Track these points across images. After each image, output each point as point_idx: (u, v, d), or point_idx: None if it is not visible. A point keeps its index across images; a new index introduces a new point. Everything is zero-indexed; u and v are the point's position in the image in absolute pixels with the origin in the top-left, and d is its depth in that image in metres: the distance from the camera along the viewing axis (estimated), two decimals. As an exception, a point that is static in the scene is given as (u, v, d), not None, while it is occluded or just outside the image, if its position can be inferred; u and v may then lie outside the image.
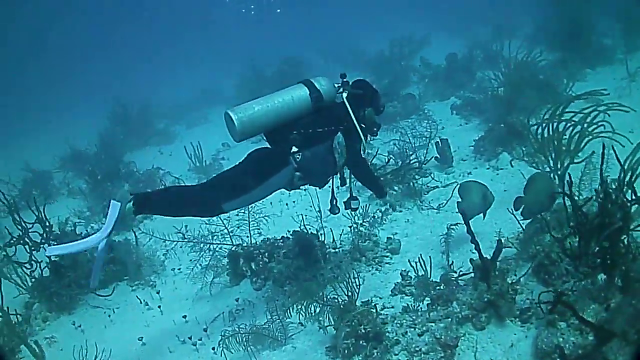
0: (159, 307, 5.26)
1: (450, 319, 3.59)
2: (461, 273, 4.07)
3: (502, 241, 3.85)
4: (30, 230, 5.71)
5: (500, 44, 10.14)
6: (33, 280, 5.62)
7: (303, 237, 5.14)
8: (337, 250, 5.45)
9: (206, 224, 5.39)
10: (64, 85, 23.08)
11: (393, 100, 9.79)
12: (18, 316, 5.36)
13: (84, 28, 32.52)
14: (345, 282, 3.99)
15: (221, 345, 4.06)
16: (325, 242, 5.54)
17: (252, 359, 4.10)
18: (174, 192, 4.41)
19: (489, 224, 5.07)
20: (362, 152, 4.37)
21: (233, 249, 5.25)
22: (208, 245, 5.31)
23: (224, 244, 5.35)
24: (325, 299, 4.08)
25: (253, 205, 5.26)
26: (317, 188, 4.45)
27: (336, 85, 4.29)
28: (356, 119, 4.12)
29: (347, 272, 4.95)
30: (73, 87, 22.40)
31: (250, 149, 4.26)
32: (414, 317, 3.77)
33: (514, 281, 3.98)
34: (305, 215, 6.31)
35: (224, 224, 5.31)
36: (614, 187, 3.41)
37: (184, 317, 4.94)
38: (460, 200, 4.67)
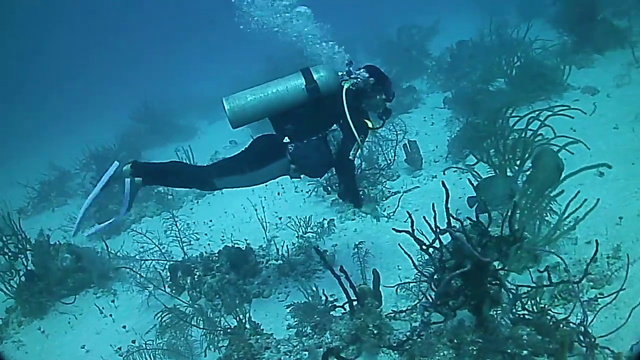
0: (111, 315, 5.62)
1: (320, 349, 3.64)
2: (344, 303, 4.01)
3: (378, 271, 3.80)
4: (8, 243, 6.25)
5: (520, 26, 9.48)
6: (14, 287, 6.12)
7: (234, 252, 5.28)
8: (277, 262, 5.54)
9: (137, 242, 5.69)
10: (92, 84, 23.40)
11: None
12: (-1, 320, 5.95)
13: (109, 22, 32.85)
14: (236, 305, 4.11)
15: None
16: (269, 254, 5.68)
17: (158, 374, 4.35)
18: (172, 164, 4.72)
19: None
20: (352, 154, 4.15)
21: (169, 263, 5.50)
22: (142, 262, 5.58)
23: (154, 259, 5.61)
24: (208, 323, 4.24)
25: (179, 220, 5.56)
26: (318, 178, 4.87)
27: (340, 74, 4.22)
28: (351, 116, 3.98)
29: (274, 288, 5.14)
30: (101, 85, 22.75)
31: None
32: (295, 343, 3.84)
33: (408, 308, 3.95)
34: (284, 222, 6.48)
35: (153, 242, 5.56)
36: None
37: (124, 327, 5.26)
38: (474, 195, 4.56)
